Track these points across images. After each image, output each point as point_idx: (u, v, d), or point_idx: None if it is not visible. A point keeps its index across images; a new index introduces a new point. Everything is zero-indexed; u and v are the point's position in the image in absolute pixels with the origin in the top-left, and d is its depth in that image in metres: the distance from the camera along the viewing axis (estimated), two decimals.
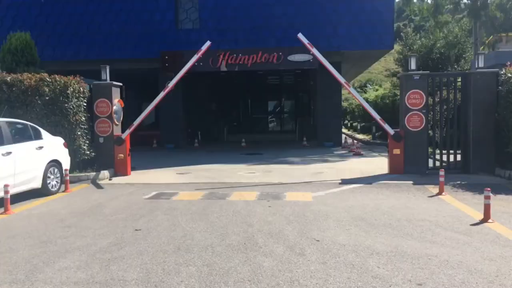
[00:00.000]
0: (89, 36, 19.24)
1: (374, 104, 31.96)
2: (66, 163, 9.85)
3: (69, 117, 10.70)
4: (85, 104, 11.22)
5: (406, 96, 10.89)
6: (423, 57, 27.33)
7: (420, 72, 11.23)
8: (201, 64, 18.35)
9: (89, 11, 19.22)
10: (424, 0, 27.26)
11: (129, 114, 25.34)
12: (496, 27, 24.54)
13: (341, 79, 11.74)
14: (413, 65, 11.13)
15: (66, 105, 10.61)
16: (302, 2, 18.33)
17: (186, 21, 19.39)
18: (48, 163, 9.17)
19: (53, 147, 9.50)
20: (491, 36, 27.82)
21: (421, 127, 10.91)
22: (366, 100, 35.89)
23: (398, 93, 25.86)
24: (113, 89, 11.69)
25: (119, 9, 19.08)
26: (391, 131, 11.03)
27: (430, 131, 11.52)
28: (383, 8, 18.30)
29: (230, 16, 18.60)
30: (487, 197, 6.63)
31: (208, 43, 11.48)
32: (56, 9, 19.35)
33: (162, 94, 11.85)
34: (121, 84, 12.11)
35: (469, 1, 24.96)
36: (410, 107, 10.90)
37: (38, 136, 9.21)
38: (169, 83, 11.85)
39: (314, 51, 11.63)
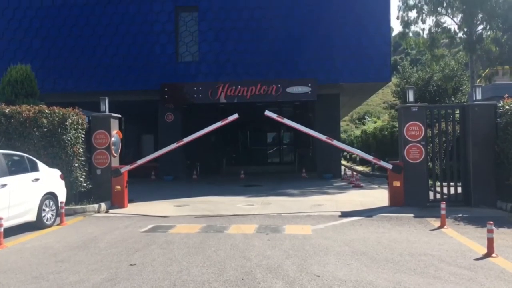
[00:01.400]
0: (90, 68, 19.43)
1: (373, 135, 32.09)
2: (62, 196, 9.72)
3: (66, 148, 10.63)
4: (83, 136, 11.18)
5: (405, 128, 10.89)
6: (420, 89, 27.69)
7: (418, 104, 11.27)
8: (200, 96, 18.57)
9: (91, 45, 19.48)
10: (420, 34, 27.68)
11: (128, 146, 25.56)
12: (492, 61, 24.89)
13: (322, 136, 11.81)
14: (411, 97, 11.19)
15: (64, 136, 10.57)
16: (301, 36, 18.62)
17: (186, 54, 19.64)
18: (44, 195, 9.04)
19: (49, 179, 9.40)
20: (487, 69, 28.22)
21: (421, 159, 10.85)
22: (365, 131, 36.14)
23: (397, 125, 26.01)
24: (112, 120, 11.69)
25: (120, 42, 19.35)
26: (389, 166, 10.97)
27: (429, 163, 11.45)
28: (380, 41, 18.58)
29: (229, 49, 18.86)
30: (490, 231, 6.49)
31: (235, 115, 11.52)
32: (58, 42, 19.62)
33: (174, 145, 11.85)
34: (120, 115, 12.12)
35: (464, 36, 25.41)
36: (409, 139, 10.88)
37: (34, 168, 9.12)
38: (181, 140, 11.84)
39: (286, 121, 11.86)
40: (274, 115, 11.68)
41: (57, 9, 19.64)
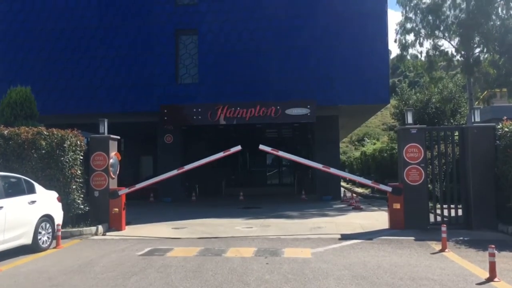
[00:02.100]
0: (90, 89, 19.51)
1: (372, 157, 32.05)
2: (58, 218, 9.61)
3: (64, 170, 10.58)
4: (81, 158, 11.14)
5: (404, 150, 10.86)
6: (419, 111, 27.79)
7: (417, 126, 11.29)
8: (199, 117, 18.60)
9: (92, 66, 19.61)
10: (418, 57, 27.95)
11: (127, 167, 25.40)
12: (489, 83, 25.06)
13: (319, 165, 11.93)
14: (409, 119, 11.20)
15: (62, 158, 10.53)
16: (299, 57, 18.77)
17: (186, 76, 19.76)
18: (40, 218, 8.94)
19: (46, 201, 9.31)
20: (485, 91, 28.40)
21: (421, 181, 10.79)
22: (364, 153, 36.12)
23: (396, 147, 26.05)
24: (111, 142, 11.67)
25: (121, 64, 19.49)
26: (388, 189, 10.92)
27: (429, 185, 11.39)
28: (378, 63, 18.71)
29: (229, 71, 18.99)
30: (492, 255, 6.40)
31: (238, 147, 11.59)
32: (59, 64, 19.74)
33: (175, 172, 11.84)
34: (118, 137, 12.11)
35: (461, 58, 25.64)
36: (408, 160, 10.85)
37: (31, 190, 9.05)
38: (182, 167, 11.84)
39: (281, 153, 12.17)
40: (268, 149, 11.79)
41: (59, 32, 19.84)
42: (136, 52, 19.52)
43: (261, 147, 11.23)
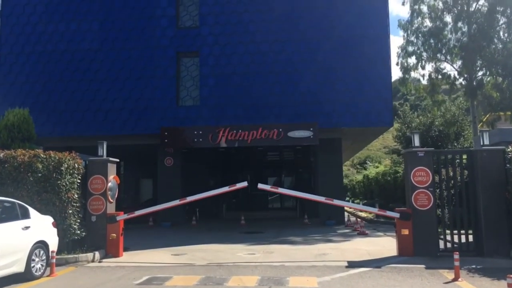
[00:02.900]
0: (90, 112, 19.34)
1: (375, 180, 31.68)
2: (53, 244, 9.22)
3: (61, 194, 10.24)
4: (78, 181, 10.81)
5: (412, 174, 10.53)
6: (422, 134, 27.47)
7: (425, 149, 10.98)
8: (200, 140, 18.34)
9: (92, 89, 19.49)
10: (421, 80, 27.84)
11: (126, 190, 25.10)
12: (493, 106, 24.82)
13: (321, 198, 11.80)
14: (416, 142, 10.90)
15: (58, 182, 10.20)
16: (301, 80, 18.65)
17: (187, 98, 19.60)
18: (34, 244, 8.55)
19: (40, 227, 8.94)
20: (488, 114, 28.20)
21: (429, 206, 10.42)
22: (367, 176, 35.72)
23: (400, 170, 25.71)
24: (109, 165, 11.35)
25: (121, 87, 19.36)
26: (396, 215, 10.55)
27: (438, 210, 11.01)
28: (381, 86, 18.57)
29: (230, 93, 18.83)
30: (511, 285, 6.01)
31: (244, 183, 11.27)
32: (59, 86, 19.63)
33: (177, 202, 11.50)
34: (117, 160, 11.79)
35: (464, 81, 25.49)
36: (416, 185, 10.50)
37: (25, 215, 8.69)
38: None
39: (280, 190, 12.13)
40: (267, 187, 11.60)
41: (60, 54, 19.80)
42: (137, 74, 19.42)
43: (260, 186, 10.88)
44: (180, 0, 20.04)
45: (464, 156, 11.18)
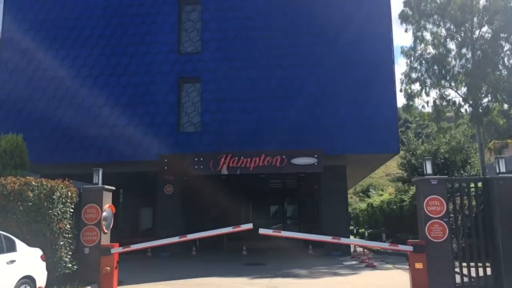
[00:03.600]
0: (88, 139, 18.87)
1: (380, 209, 30.94)
2: (41, 280, 8.57)
3: (52, 225, 9.62)
4: (71, 210, 10.21)
5: (425, 203, 9.91)
6: None
7: (438, 176, 10.42)
8: (201, 167, 17.78)
9: (91, 115, 19.10)
10: (425, 106, 27.43)
11: (125, 219, 24.39)
12: (500, 133, 24.36)
13: (327, 238, 11.06)
14: (428, 169, 10.35)
15: (50, 211, 9.60)
16: (304, 106, 18.26)
17: (188, 124, 19.18)
18: (19, 280, 7.91)
19: (27, 260, 8.31)
20: (494, 141, 27.72)
21: (444, 238, 9.76)
22: (371, 205, 34.97)
23: (406, 199, 25.04)
24: (105, 193, 10.77)
25: (121, 113, 18.97)
26: (409, 248, 9.88)
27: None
28: (386, 112, 18.17)
29: (232, 120, 18.42)
30: None
31: (250, 225, 10.62)
32: (57, 113, 19.25)
33: (176, 239, 10.85)
34: (113, 188, 11.22)
35: (470, 108, 25.12)
36: (430, 214, 9.87)
37: (11, 248, 8.08)
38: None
39: (283, 233, 11.44)
40: (269, 231, 10.76)
41: (59, 80, 19.48)
42: (137, 100, 19.06)
43: (261, 231, 10.18)
44: (182, 26, 19.89)
45: (479, 184, 10.61)
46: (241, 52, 19.04)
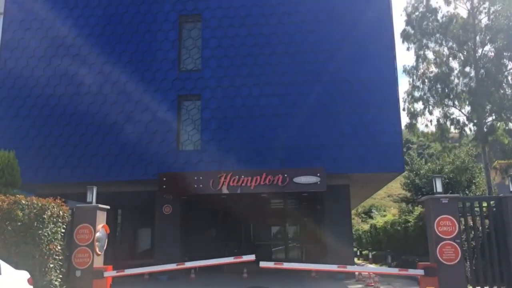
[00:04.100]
0: (86, 157, 18.46)
1: (383, 230, 30.24)
2: None
3: (41, 246, 9.13)
4: (63, 231, 9.73)
5: (435, 223, 9.44)
6: (431, 182, 26.44)
7: (449, 195, 9.95)
8: (201, 186, 17.33)
9: (89, 133, 18.73)
10: (428, 125, 27.10)
11: (123, 240, 23.76)
12: (506, 152, 23.98)
13: (333, 267, 10.91)
14: (439, 187, 9.89)
15: (40, 232, 9.12)
16: (307, 124, 17.88)
17: (188, 142, 18.78)
18: None
19: (13, 284, 7.78)
20: (496, 160, 27.30)
21: (457, 260, 9.25)
22: (374, 226, 34.26)
23: (410, 219, 24.45)
24: (98, 213, 10.30)
25: (119, 131, 18.61)
26: (420, 272, 9.35)
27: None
28: (390, 130, 17.79)
29: (233, 137, 18.03)
30: None
31: (252, 256, 10.16)
32: (54, 131, 18.88)
33: (174, 266, 10.36)
34: (108, 207, 10.76)
35: (474, 127, 24.76)
36: (441, 235, 9.38)
37: None
38: None
39: (286, 265, 11.06)
40: (271, 264, 10.37)
41: (58, 98, 19.19)
42: (136, 118, 18.70)
43: (262, 264, 9.67)
44: (182, 43, 19.68)
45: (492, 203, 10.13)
46: (242, 69, 18.76)
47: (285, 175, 16.92)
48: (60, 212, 9.70)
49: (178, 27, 19.59)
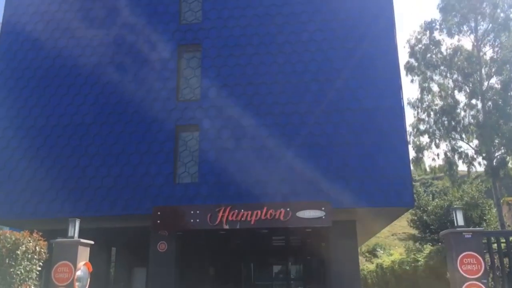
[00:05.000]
0: (77, 190, 17.49)
1: (391, 270, 28.80)
2: None
3: (13, 286, 8.07)
4: (38, 269, 8.67)
5: (458, 261, 8.38)
6: (440, 218, 25.42)
7: (473, 229, 8.96)
8: (197, 221, 16.31)
9: (81, 165, 17.87)
10: (435, 159, 26.26)
11: (117, 280, 22.43)
12: None
13: None
14: (460, 220, 8.91)
15: (12, 270, 8.09)
16: (310, 156, 17.00)
17: (184, 175, 17.86)
18: None
19: None
20: (506, 196, 26.30)
21: None
22: (381, 265, 32.75)
23: (420, 258, 23.15)
24: (80, 248, 9.28)
25: (113, 163, 17.75)
26: None
27: None
28: (398, 163, 16.86)
29: (232, 170, 17.11)
30: None
31: None
32: (46, 162, 18.03)
33: None
34: (91, 242, 9.74)
35: (484, 161, 23.92)
36: (465, 275, 8.32)
37: None
38: None
39: None
40: None
41: (50, 129, 18.47)
42: (131, 150, 17.86)
43: None
44: (181, 72, 19.13)
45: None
46: (242, 99, 18.09)
47: (288, 209, 15.92)
48: (37, 247, 8.68)
49: (177, 56, 19.07)
